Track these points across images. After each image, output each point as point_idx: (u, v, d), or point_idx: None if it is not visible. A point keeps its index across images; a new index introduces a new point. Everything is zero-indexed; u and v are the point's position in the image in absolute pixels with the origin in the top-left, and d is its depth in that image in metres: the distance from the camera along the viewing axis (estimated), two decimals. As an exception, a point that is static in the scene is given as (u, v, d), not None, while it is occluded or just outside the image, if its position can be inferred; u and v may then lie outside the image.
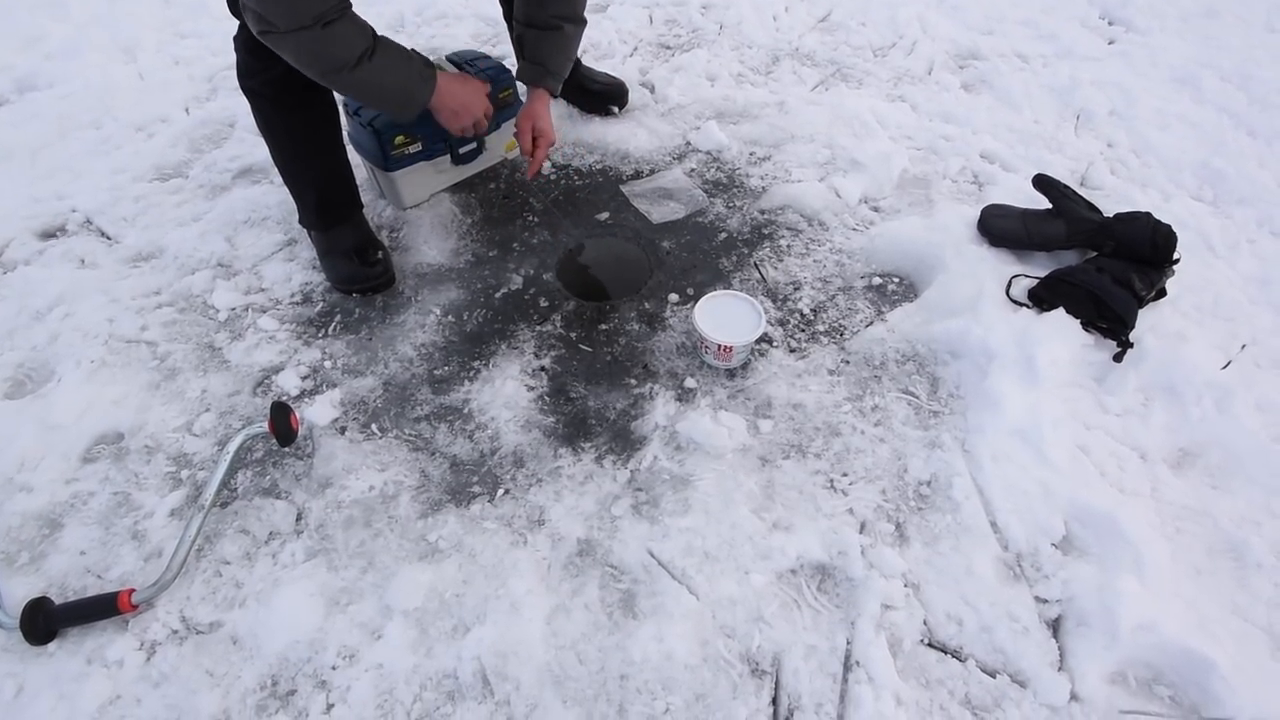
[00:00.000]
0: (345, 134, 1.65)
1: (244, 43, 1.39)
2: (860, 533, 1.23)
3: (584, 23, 1.61)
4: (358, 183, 1.67)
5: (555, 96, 1.64)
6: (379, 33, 1.32)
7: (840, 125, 2.06)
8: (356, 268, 1.60)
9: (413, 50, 1.41)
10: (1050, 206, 1.66)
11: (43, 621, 1.10)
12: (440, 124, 1.54)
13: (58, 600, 1.15)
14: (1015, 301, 1.53)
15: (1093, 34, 2.55)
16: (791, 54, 2.41)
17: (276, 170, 1.60)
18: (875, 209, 1.85)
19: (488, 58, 1.82)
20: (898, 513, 1.26)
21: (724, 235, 1.79)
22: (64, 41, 2.48)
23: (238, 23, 1.35)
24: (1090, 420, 1.37)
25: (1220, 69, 2.35)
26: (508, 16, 1.96)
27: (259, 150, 2.00)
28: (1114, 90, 2.24)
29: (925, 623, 1.13)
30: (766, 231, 1.80)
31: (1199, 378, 1.42)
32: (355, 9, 1.26)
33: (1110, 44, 2.50)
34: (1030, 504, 1.25)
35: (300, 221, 1.65)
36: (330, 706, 1.06)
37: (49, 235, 1.83)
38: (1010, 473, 1.27)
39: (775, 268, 1.71)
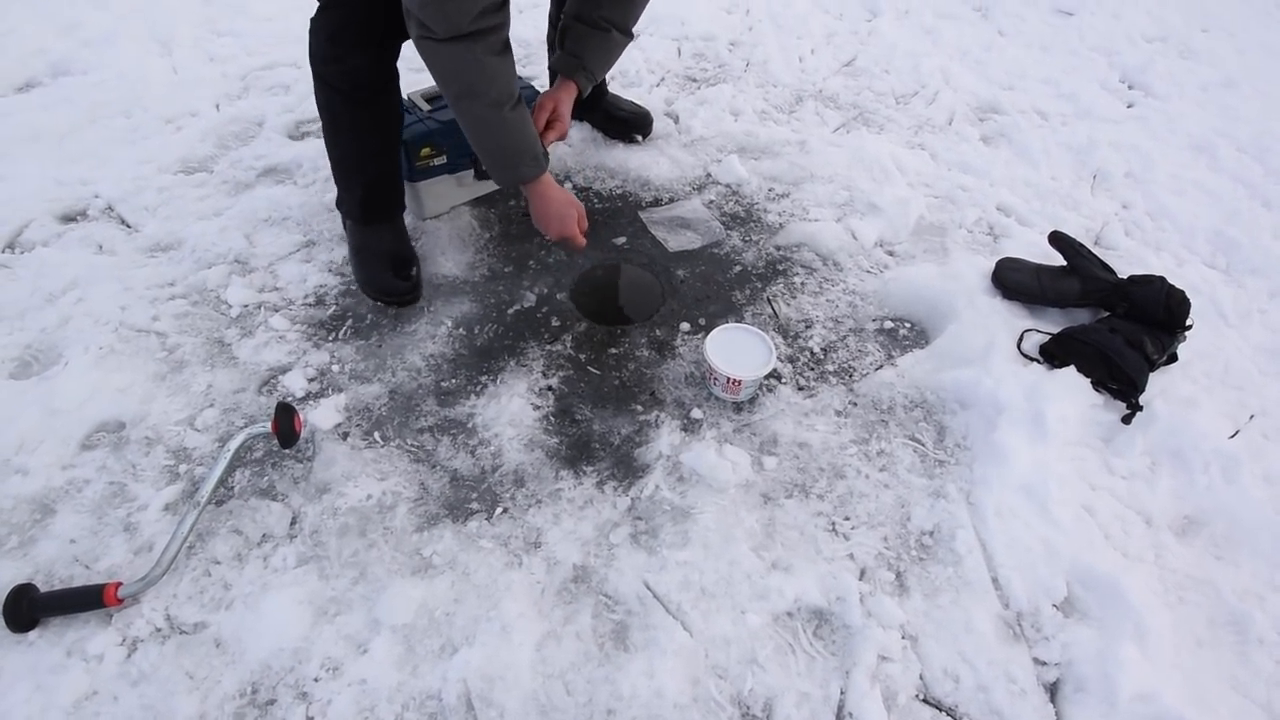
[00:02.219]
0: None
1: (323, 29, 1.38)
2: (860, 579, 1.21)
3: (631, 36, 1.61)
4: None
5: (583, 96, 1.63)
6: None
7: (860, 168, 2.08)
8: (390, 279, 1.59)
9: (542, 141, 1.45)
10: (1065, 264, 1.66)
11: (26, 608, 1.08)
12: (533, 222, 1.54)
13: (43, 588, 1.13)
14: (1026, 356, 1.53)
15: (1112, 96, 2.59)
16: (815, 95, 2.44)
17: (329, 157, 1.58)
18: (890, 253, 1.86)
19: (519, 78, 1.85)
20: (899, 561, 1.24)
21: (739, 268, 1.80)
22: (102, 30, 2.52)
23: (317, 5, 1.36)
24: (1096, 481, 1.36)
25: (1237, 139, 2.37)
26: (551, 38, 1.99)
27: (285, 151, 2.03)
28: (1131, 153, 2.26)
29: (921, 677, 1.11)
30: (781, 267, 1.80)
31: (1207, 445, 1.41)
32: None
33: (1129, 107, 2.54)
34: (1033, 562, 1.23)
35: (339, 206, 1.64)
36: (310, 719, 1.04)
37: (69, 219, 1.84)
38: (1014, 529, 1.26)
39: (788, 304, 1.71)
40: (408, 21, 1.22)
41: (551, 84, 1.67)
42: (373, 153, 1.55)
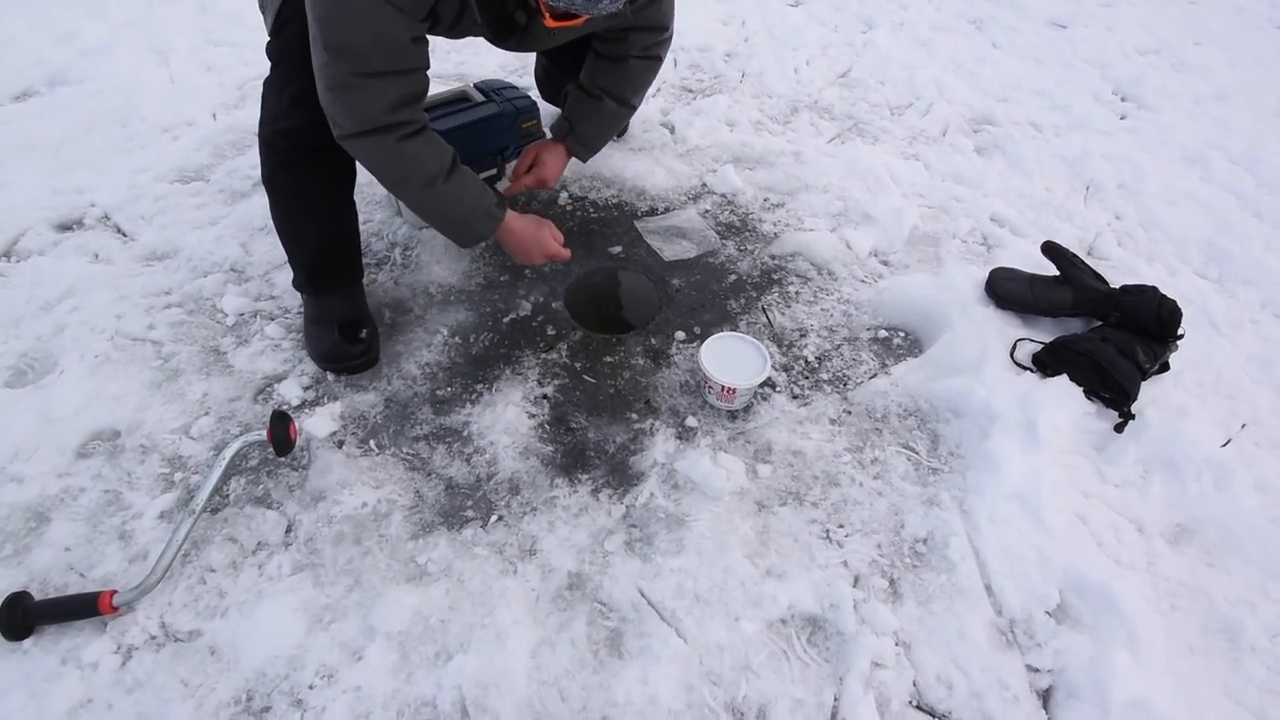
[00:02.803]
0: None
1: (273, 86, 1.35)
2: (854, 586, 1.22)
3: (631, 108, 1.61)
4: (357, 245, 1.55)
5: (582, 161, 1.64)
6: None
7: (854, 178, 2.10)
8: (338, 344, 1.46)
9: (491, 186, 1.42)
10: (1058, 273, 1.68)
11: (20, 616, 1.08)
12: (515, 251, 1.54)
13: (38, 596, 1.13)
14: (1019, 365, 1.54)
15: (1105, 108, 2.61)
16: (810, 106, 2.46)
17: (278, 232, 1.49)
18: (884, 262, 1.87)
19: (514, 87, 1.87)
20: (892, 568, 1.25)
21: (734, 277, 1.81)
22: (98, 40, 2.53)
23: (270, 65, 1.35)
24: (1089, 489, 1.37)
25: (1229, 151, 2.39)
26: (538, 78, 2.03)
27: (282, 160, 2.03)
28: (1124, 164, 2.28)
29: (915, 684, 1.12)
30: (776, 277, 1.81)
31: (1199, 454, 1.42)
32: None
33: (1122, 119, 2.56)
34: (1026, 570, 1.24)
35: (293, 283, 1.54)
36: (304, 727, 1.04)
37: (65, 228, 1.84)
38: (1007, 536, 1.27)
39: (783, 313, 1.72)
40: (330, 121, 1.21)
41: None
42: (315, 215, 1.45)
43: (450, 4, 1.19)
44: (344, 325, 1.48)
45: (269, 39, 1.37)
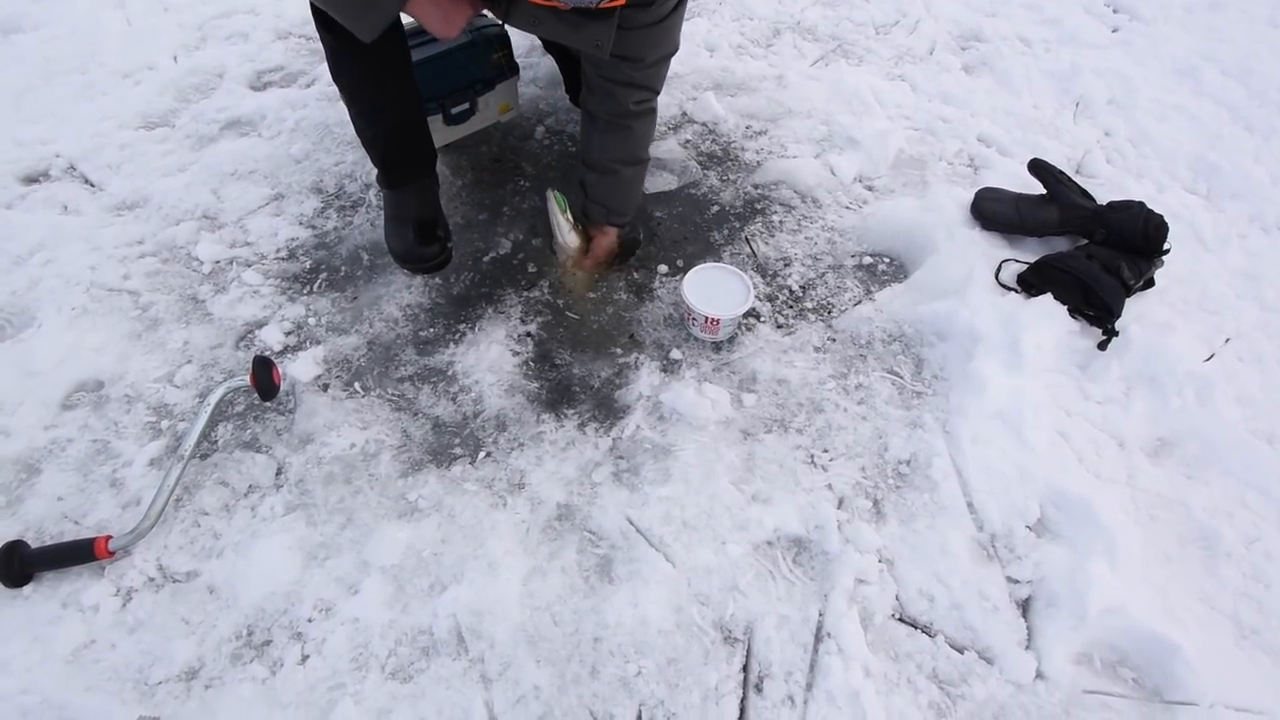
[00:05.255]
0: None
1: None
2: (838, 508, 1.24)
3: (644, 162, 1.56)
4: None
5: (623, 229, 1.60)
6: None
7: (839, 102, 2.04)
8: (412, 244, 1.49)
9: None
10: (1044, 192, 1.65)
11: (18, 565, 1.10)
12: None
13: (34, 544, 1.14)
14: (1004, 286, 1.54)
15: (1097, 20, 2.53)
16: (793, 27, 2.38)
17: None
18: (869, 188, 1.84)
19: (484, 15, 1.78)
20: (876, 490, 1.27)
21: (716, 208, 1.78)
22: (50, -18, 2.42)
23: None
24: (1071, 407, 1.38)
25: (1221, 62, 2.33)
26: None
27: (247, 102, 1.98)
28: (1114, 79, 2.23)
29: (897, 598, 1.15)
30: (759, 206, 1.78)
31: (1181, 369, 1.43)
32: None
33: (1114, 32, 2.48)
34: (1007, 486, 1.26)
35: (376, 179, 1.53)
36: (305, 658, 1.07)
37: (31, 180, 1.79)
38: (989, 455, 1.29)
39: (766, 243, 1.70)
40: None
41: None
42: (382, 105, 1.42)
43: None
44: (420, 225, 1.50)
45: None
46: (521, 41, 1.87)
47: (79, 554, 1.12)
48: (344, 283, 1.58)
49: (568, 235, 1.53)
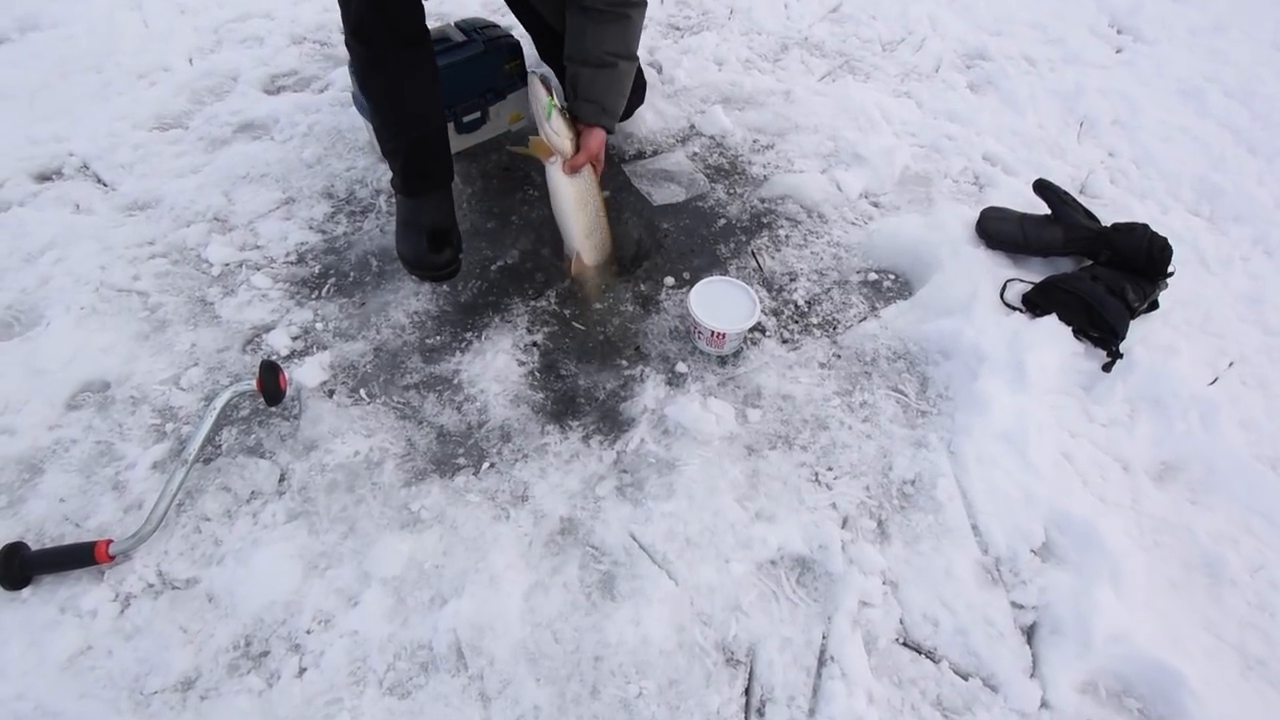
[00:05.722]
0: (353, 95, 1.60)
1: None
2: (842, 528, 1.24)
3: (636, 59, 1.56)
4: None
5: (610, 132, 1.55)
6: None
7: (845, 118, 2.05)
8: (424, 251, 1.51)
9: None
10: (1049, 212, 1.66)
11: (18, 567, 1.10)
12: None
13: (34, 546, 1.14)
14: (1009, 305, 1.54)
15: (1101, 41, 2.54)
16: (801, 43, 2.39)
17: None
18: (875, 204, 1.84)
19: (496, 26, 1.80)
20: (880, 510, 1.26)
21: (723, 221, 1.78)
22: (68, -18, 2.43)
23: None
24: (1076, 428, 1.38)
25: (1225, 84, 2.34)
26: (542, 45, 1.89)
27: (261, 106, 1.99)
28: (1119, 99, 2.23)
29: (901, 622, 1.14)
30: (766, 220, 1.79)
31: (1185, 392, 1.43)
32: None
33: (1118, 52, 2.49)
34: (1012, 509, 1.25)
35: (390, 184, 1.56)
36: (302, 670, 1.06)
37: (45, 178, 1.80)
38: (994, 476, 1.28)
39: (772, 257, 1.70)
40: None
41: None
42: (409, 114, 1.45)
43: None
44: (433, 233, 1.51)
45: None
46: (532, 52, 1.88)
47: (79, 557, 1.11)
48: (352, 288, 1.58)
49: (560, 129, 1.43)
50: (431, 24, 1.79)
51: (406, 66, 1.41)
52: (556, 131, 1.43)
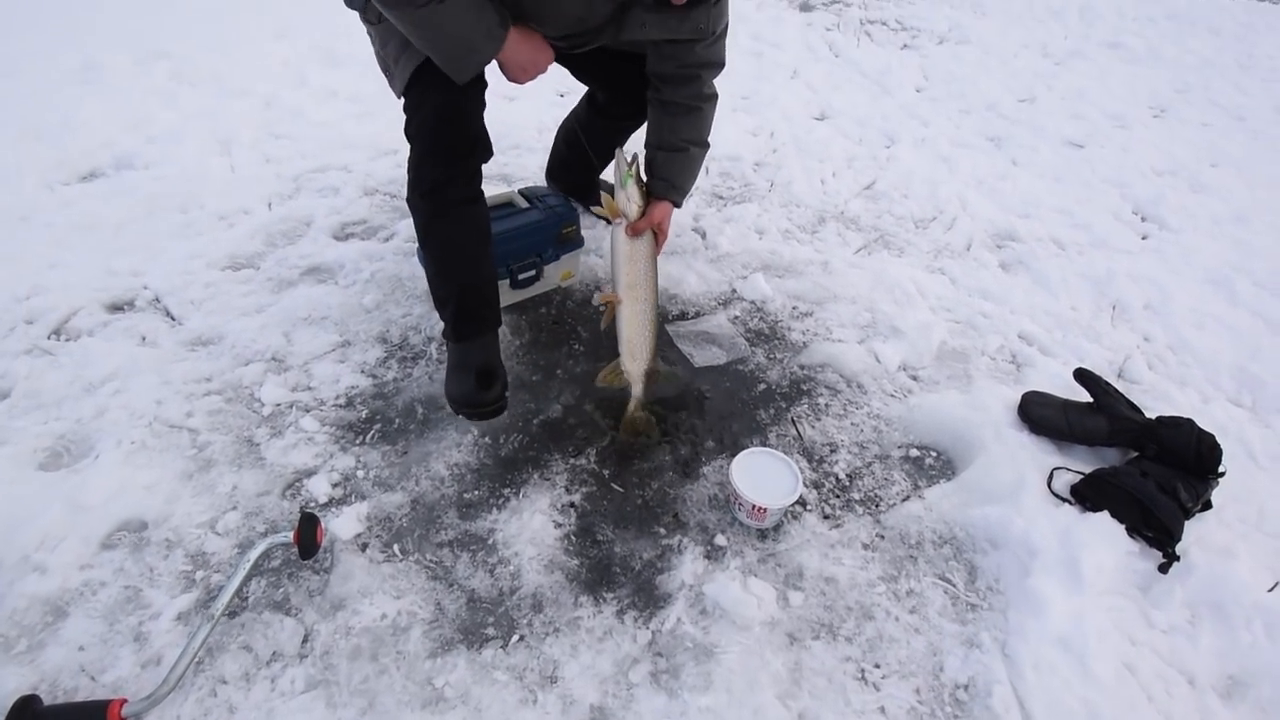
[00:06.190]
0: (417, 250, 1.71)
1: (416, 156, 1.51)
2: (890, 735, 1.15)
3: (708, 146, 1.76)
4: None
5: (679, 206, 1.75)
6: None
7: (881, 290, 2.13)
8: (472, 390, 1.54)
9: (492, 3, 1.39)
10: (1091, 400, 1.66)
11: (27, 724, 1.05)
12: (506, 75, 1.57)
13: (47, 700, 1.10)
14: (1057, 496, 1.51)
15: (1126, 227, 2.64)
16: (837, 217, 2.53)
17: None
18: (914, 377, 1.87)
19: (555, 194, 1.94)
20: (933, 718, 1.18)
21: (763, 386, 1.81)
22: (168, 127, 2.69)
23: (409, 148, 1.51)
24: (1136, 635, 1.31)
25: (1253, 273, 2.40)
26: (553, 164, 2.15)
27: (330, 251, 2.11)
28: (1149, 285, 2.29)
29: None
30: (805, 387, 1.81)
31: (1248, 599, 1.36)
32: None
33: (1144, 239, 2.59)
34: (1074, 725, 1.17)
35: (442, 333, 1.65)
36: None
37: (117, 309, 1.90)
38: (1053, 687, 1.20)
39: (812, 426, 1.71)
40: None
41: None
42: (462, 264, 1.57)
43: None
44: (480, 373, 1.55)
45: (403, 99, 1.51)
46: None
47: (91, 717, 1.06)
48: (396, 435, 1.60)
49: (632, 195, 1.58)
50: (499, 189, 1.95)
51: (465, 222, 1.56)
52: (629, 197, 1.59)
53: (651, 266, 1.62)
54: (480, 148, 1.53)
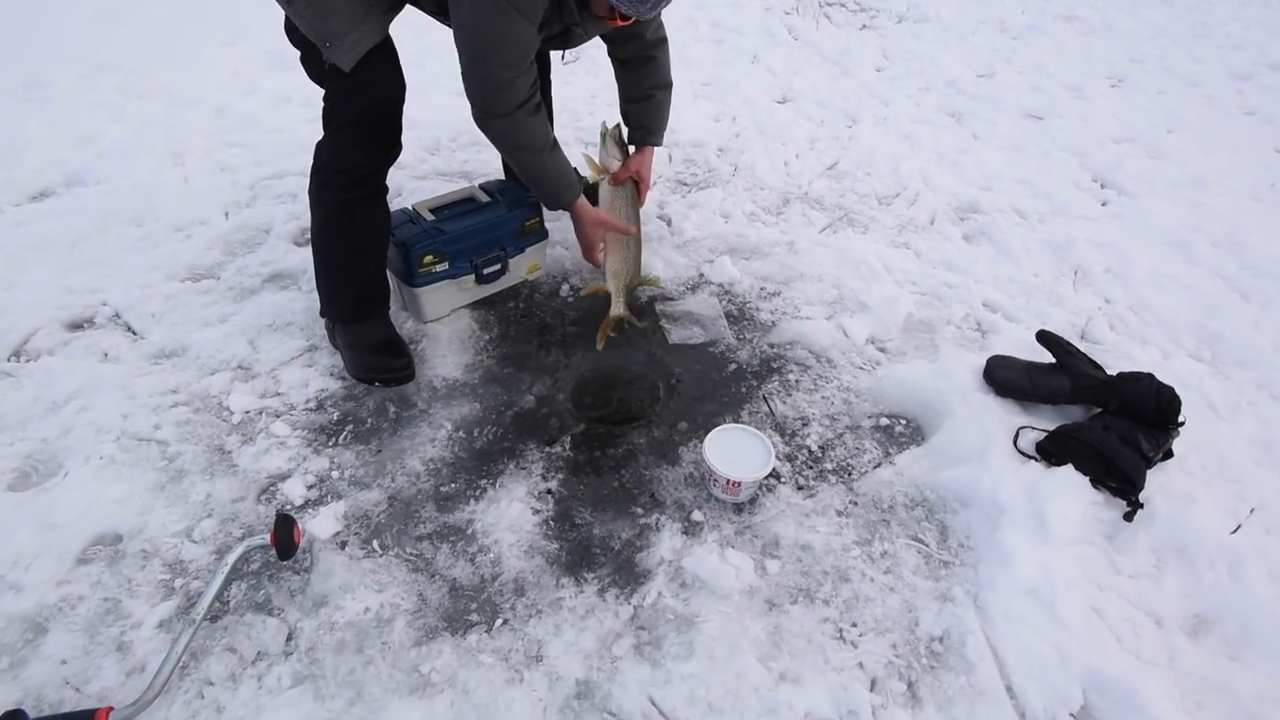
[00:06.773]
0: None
1: (345, 141, 1.57)
2: (871, 690, 1.18)
3: (671, 85, 1.94)
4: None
5: (660, 145, 1.96)
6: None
7: (847, 267, 2.16)
8: (383, 359, 1.69)
9: (575, 169, 1.77)
10: (1054, 361, 1.71)
11: (10, 739, 1.04)
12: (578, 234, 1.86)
13: (32, 713, 1.09)
14: (1023, 453, 1.55)
15: (1086, 194, 2.70)
16: (801, 197, 2.56)
17: (314, 268, 1.69)
18: (882, 349, 1.90)
19: (517, 188, 1.94)
20: (909, 670, 1.21)
21: (734, 366, 1.83)
22: (118, 141, 2.63)
23: (323, 132, 1.59)
24: (1103, 581, 1.35)
25: (1210, 235, 2.46)
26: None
27: (291, 257, 2.09)
28: (1109, 249, 2.35)
29: (940, 798, 1.07)
30: (776, 365, 1.84)
31: (1210, 541, 1.41)
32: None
33: (1103, 205, 2.65)
34: (1046, 669, 1.20)
35: (325, 313, 1.74)
36: None
37: (76, 327, 1.87)
38: (1024, 633, 1.24)
39: (784, 402, 1.74)
40: (471, 107, 1.56)
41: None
42: (370, 249, 1.67)
43: (550, 23, 1.53)
44: (386, 344, 1.72)
45: (338, 77, 1.52)
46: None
47: (76, 727, 1.06)
48: (369, 435, 1.60)
49: (611, 151, 1.85)
50: (460, 185, 1.95)
51: (376, 219, 1.67)
52: (609, 154, 1.86)
53: (633, 209, 1.90)
54: (399, 148, 1.63)
